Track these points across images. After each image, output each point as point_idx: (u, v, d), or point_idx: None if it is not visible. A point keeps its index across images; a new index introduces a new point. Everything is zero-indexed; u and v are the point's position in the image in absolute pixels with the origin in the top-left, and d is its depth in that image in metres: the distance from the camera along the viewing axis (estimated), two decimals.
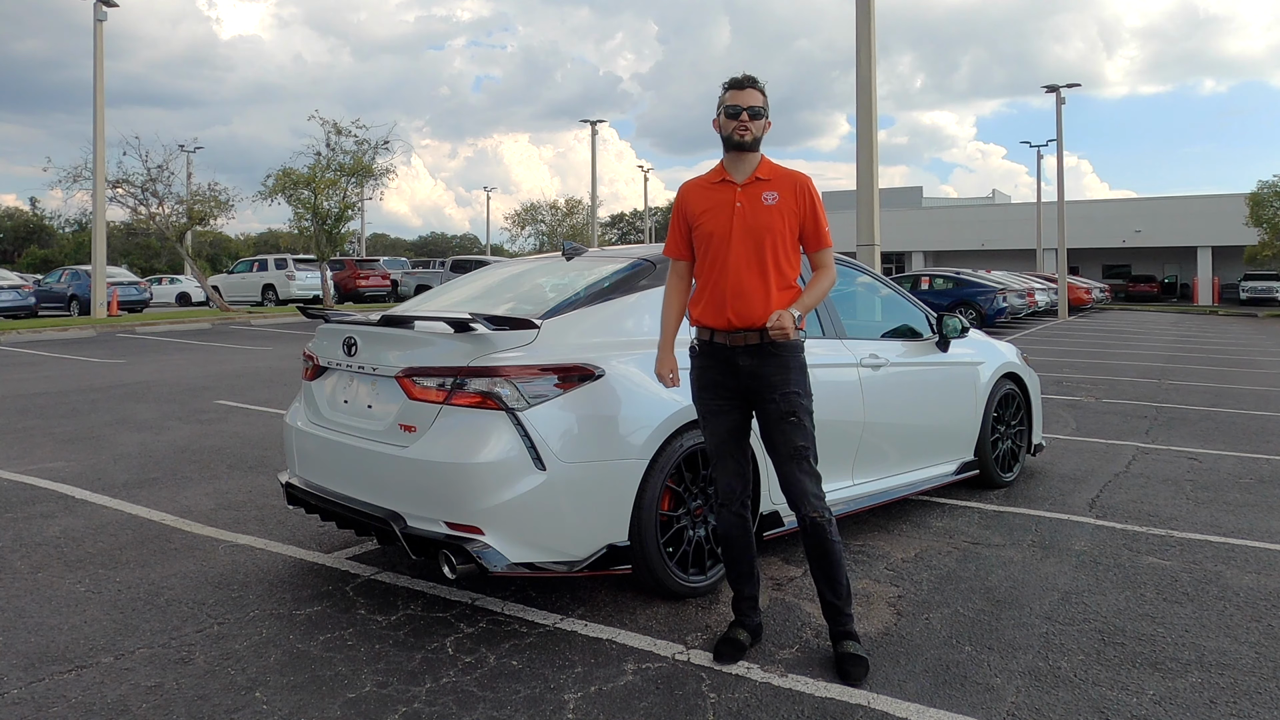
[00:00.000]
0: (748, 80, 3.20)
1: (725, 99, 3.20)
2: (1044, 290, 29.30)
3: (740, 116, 3.15)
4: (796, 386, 3.16)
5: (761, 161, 3.23)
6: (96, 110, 23.21)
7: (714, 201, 3.22)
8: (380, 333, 3.77)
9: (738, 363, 3.17)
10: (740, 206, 3.16)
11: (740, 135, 3.16)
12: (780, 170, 3.24)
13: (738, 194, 3.18)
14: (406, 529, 3.41)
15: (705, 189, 3.27)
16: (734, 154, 3.21)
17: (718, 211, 3.19)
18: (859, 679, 3.02)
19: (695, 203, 3.27)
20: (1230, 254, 44.87)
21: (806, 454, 3.15)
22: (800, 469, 3.13)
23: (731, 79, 3.22)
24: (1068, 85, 32.47)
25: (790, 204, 3.17)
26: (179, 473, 5.97)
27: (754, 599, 3.34)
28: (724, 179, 3.23)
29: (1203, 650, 3.29)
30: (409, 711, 2.80)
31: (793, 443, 3.14)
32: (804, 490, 3.13)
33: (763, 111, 3.19)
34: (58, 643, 3.30)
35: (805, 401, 3.18)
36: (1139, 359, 15.27)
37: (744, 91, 3.17)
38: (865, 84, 13.93)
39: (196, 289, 32.96)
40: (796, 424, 3.14)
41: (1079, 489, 5.70)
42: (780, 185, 3.19)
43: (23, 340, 17.01)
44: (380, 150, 27.09)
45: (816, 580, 3.21)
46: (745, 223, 3.15)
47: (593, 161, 42.73)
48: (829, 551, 3.14)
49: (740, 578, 3.33)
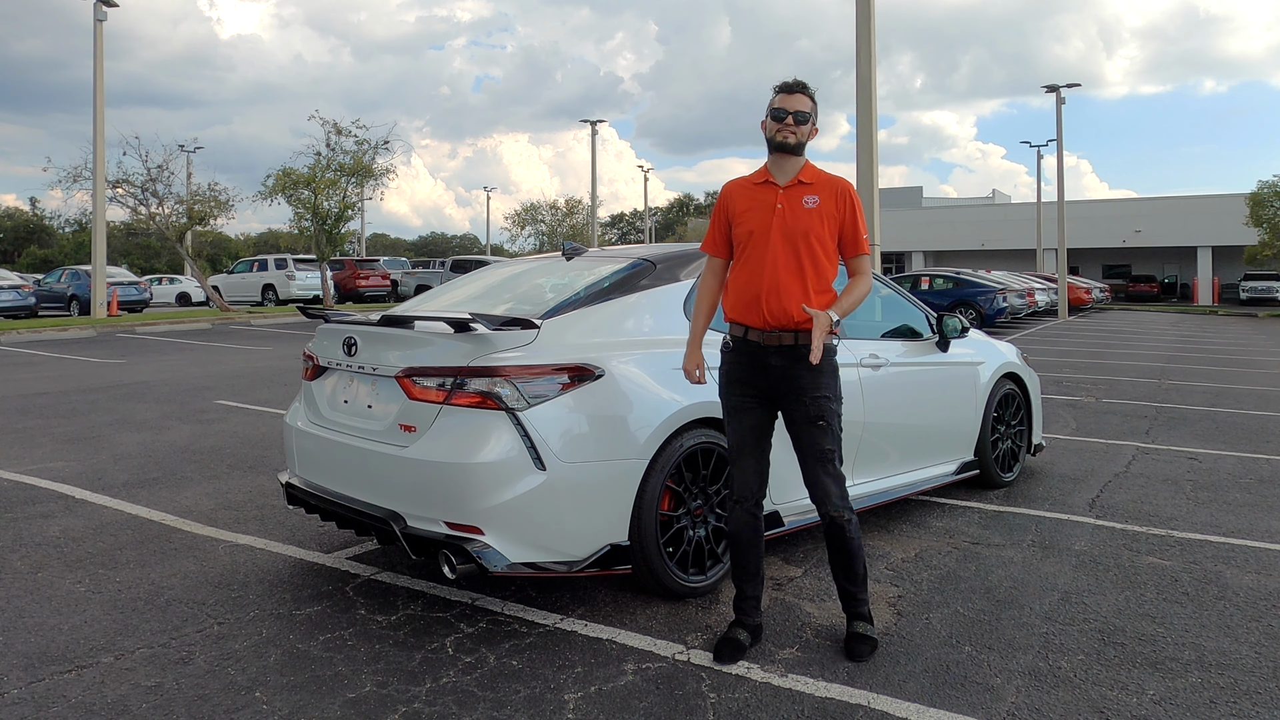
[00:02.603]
0: (797, 85, 3.24)
1: (773, 102, 3.24)
2: (1044, 290, 29.30)
3: (785, 120, 3.20)
4: (827, 390, 3.20)
5: (805, 165, 3.28)
6: (96, 110, 23.21)
7: (756, 201, 3.26)
8: (380, 333, 3.77)
9: (769, 362, 3.21)
10: (781, 208, 3.21)
11: (784, 138, 3.21)
12: (823, 175, 3.28)
13: (779, 195, 3.23)
14: (406, 529, 3.41)
15: (748, 189, 3.31)
16: (778, 156, 3.26)
17: (759, 211, 3.24)
18: (863, 656, 3.17)
19: (737, 201, 3.32)
20: (1230, 254, 44.88)
21: (832, 457, 3.21)
22: (825, 471, 3.21)
23: (782, 83, 3.27)
24: (1068, 85, 32.47)
25: (830, 208, 3.21)
26: (179, 473, 5.97)
27: (756, 599, 3.36)
28: (767, 180, 3.27)
29: (1203, 650, 3.29)
30: (409, 711, 2.80)
31: (820, 446, 3.20)
32: (828, 490, 3.21)
33: (809, 117, 3.23)
34: (58, 643, 3.30)
35: (835, 406, 3.23)
36: (1139, 359, 15.27)
37: (792, 96, 3.22)
38: (865, 84, 13.94)
39: (196, 289, 32.97)
40: (825, 428, 3.19)
41: (1079, 489, 5.70)
42: (822, 190, 3.23)
43: (23, 340, 17.01)
44: (380, 150, 27.11)
45: (834, 570, 3.33)
46: (785, 224, 3.19)
47: (593, 161, 42.79)
48: (848, 546, 3.24)
49: (745, 576, 3.35)
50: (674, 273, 4.18)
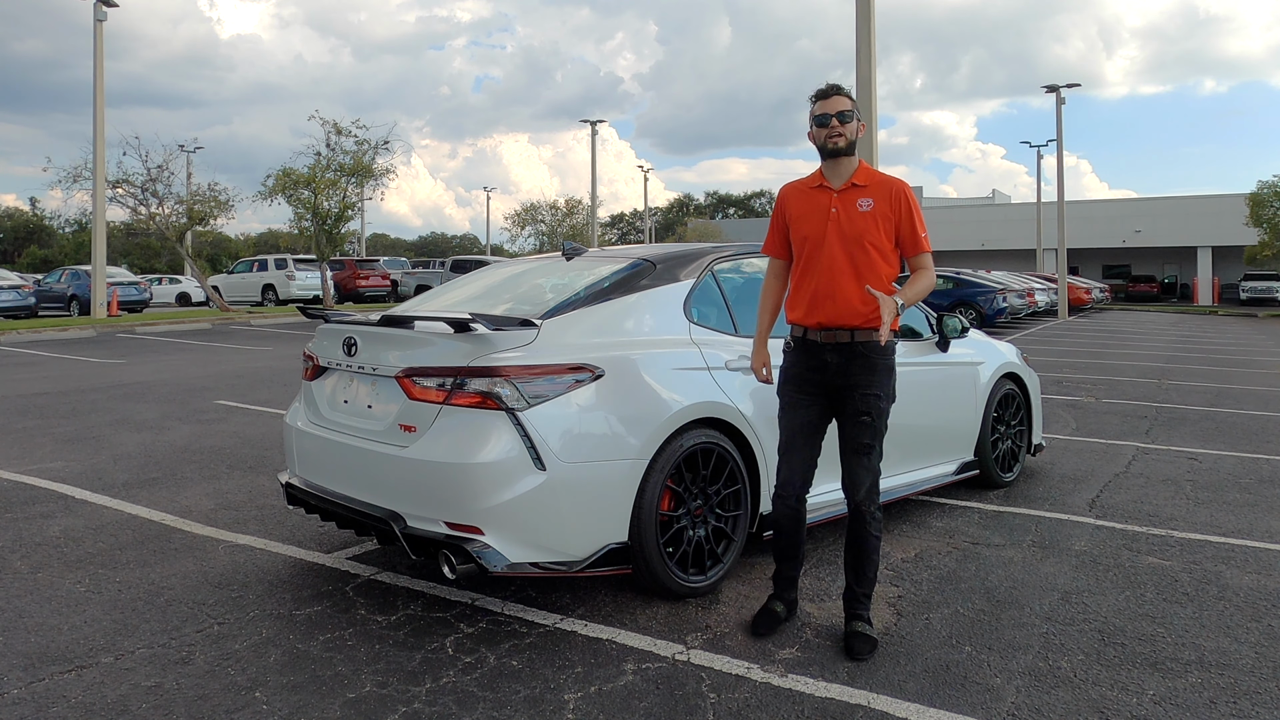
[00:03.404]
0: (832, 89, 3.30)
1: (814, 110, 3.30)
2: (1044, 290, 29.29)
3: (830, 124, 3.25)
4: (879, 389, 3.28)
5: (859, 167, 3.33)
6: (96, 110, 23.21)
7: (811, 206, 3.33)
8: (380, 333, 3.77)
9: (825, 359, 3.30)
10: (835, 212, 3.27)
11: (834, 142, 3.26)
12: (877, 176, 3.33)
13: (834, 200, 3.28)
14: (406, 529, 3.41)
15: (804, 193, 3.38)
16: (830, 160, 3.31)
17: (814, 216, 3.31)
18: (863, 656, 3.19)
19: (794, 206, 3.40)
20: (1230, 254, 44.89)
21: (870, 451, 3.30)
22: (861, 464, 3.31)
23: (817, 90, 3.33)
24: (1068, 85, 32.50)
25: (885, 209, 3.26)
26: (179, 473, 5.97)
27: (793, 578, 3.53)
28: (821, 184, 3.34)
29: (1203, 650, 3.29)
30: (409, 711, 2.80)
31: (859, 439, 3.30)
32: (859, 481, 3.31)
33: (851, 115, 3.28)
34: (58, 643, 3.30)
35: (885, 404, 3.31)
36: (1139, 359, 15.27)
37: (830, 99, 3.28)
38: (865, 84, 13.95)
39: (196, 289, 32.97)
40: (868, 423, 3.28)
41: (1079, 489, 5.70)
42: (876, 192, 3.27)
43: (23, 340, 17.01)
44: (380, 150, 27.12)
45: (847, 568, 3.39)
46: (840, 228, 3.25)
47: (593, 162, 42.79)
48: (866, 541, 3.32)
49: (784, 558, 3.50)
50: (674, 273, 4.18)
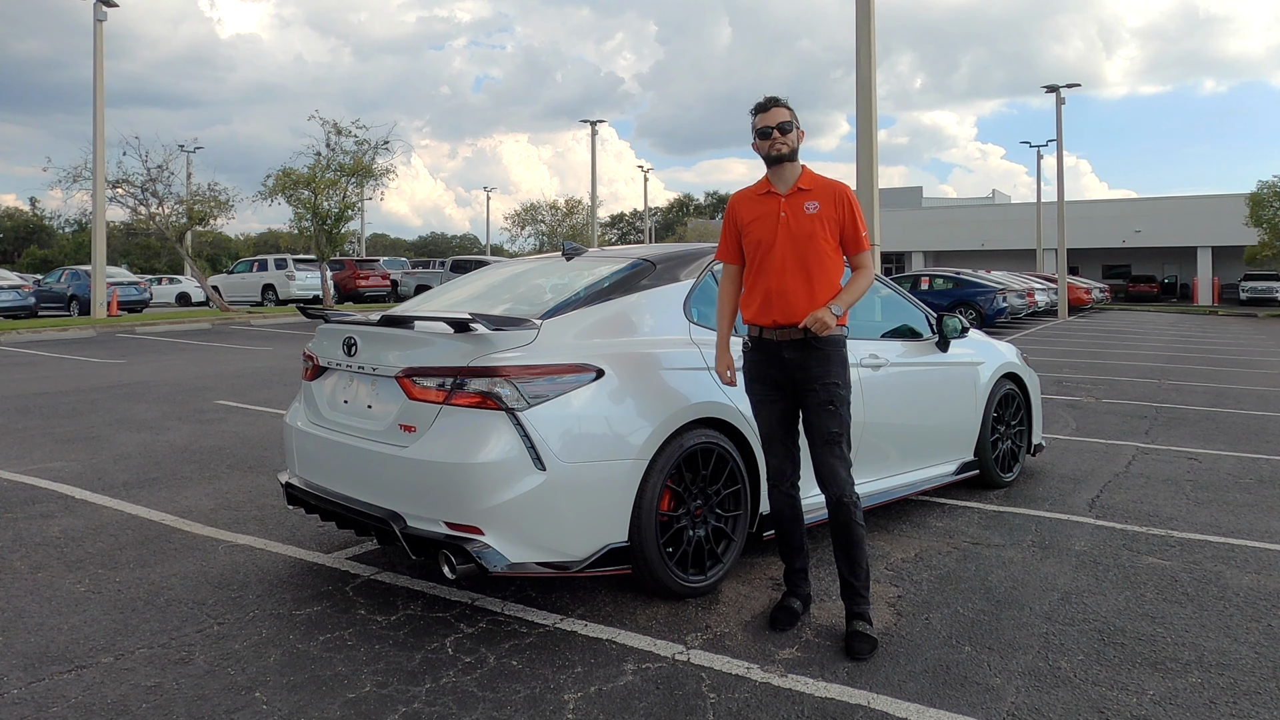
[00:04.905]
0: (771, 101, 3.49)
1: (756, 124, 3.49)
2: (1044, 290, 29.29)
3: (772, 135, 3.44)
4: (836, 378, 3.40)
5: (803, 172, 3.50)
6: (96, 110, 23.20)
7: (762, 211, 3.50)
8: (380, 333, 3.77)
9: (783, 356, 3.43)
10: (785, 216, 3.44)
11: (777, 150, 3.44)
12: (820, 180, 3.50)
13: (782, 204, 3.46)
14: (406, 529, 3.41)
15: (754, 199, 3.56)
16: (776, 167, 3.49)
17: (765, 221, 3.47)
18: (863, 656, 3.20)
19: (745, 212, 3.56)
20: (1230, 254, 44.87)
21: (839, 440, 3.39)
22: (832, 454, 3.37)
23: (756, 104, 3.51)
24: (1067, 85, 32.49)
25: (830, 211, 3.43)
26: (179, 473, 5.97)
27: (804, 571, 3.61)
28: (769, 190, 3.51)
29: (1203, 650, 3.29)
30: (409, 711, 2.80)
31: (827, 429, 3.38)
32: (834, 472, 3.37)
33: (791, 125, 3.46)
34: (58, 643, 3.30)
35: (843, 392, 3.42)
36: (1139, 359, 15.27)
37: (770, 112, 3.47)
38: (865, 84, 13.94)
39: (196, 289, 32.96)
40: (833, 412, 3.39)
41: (1079, 489, 5.70)
42: (821, 195, 3.45)
43: (23, 340, 17.01)
44: (380, 150, 27.11)
45: (838, 560, 3.42)
46: (789, 231, 3.42)
47: (592, 162, 42.78)
48: (852, 531, 3.37)
49: (790, 552, 3.60)
50: (674, 273, 4.18)
